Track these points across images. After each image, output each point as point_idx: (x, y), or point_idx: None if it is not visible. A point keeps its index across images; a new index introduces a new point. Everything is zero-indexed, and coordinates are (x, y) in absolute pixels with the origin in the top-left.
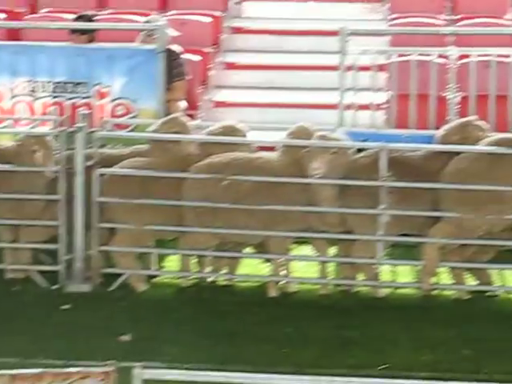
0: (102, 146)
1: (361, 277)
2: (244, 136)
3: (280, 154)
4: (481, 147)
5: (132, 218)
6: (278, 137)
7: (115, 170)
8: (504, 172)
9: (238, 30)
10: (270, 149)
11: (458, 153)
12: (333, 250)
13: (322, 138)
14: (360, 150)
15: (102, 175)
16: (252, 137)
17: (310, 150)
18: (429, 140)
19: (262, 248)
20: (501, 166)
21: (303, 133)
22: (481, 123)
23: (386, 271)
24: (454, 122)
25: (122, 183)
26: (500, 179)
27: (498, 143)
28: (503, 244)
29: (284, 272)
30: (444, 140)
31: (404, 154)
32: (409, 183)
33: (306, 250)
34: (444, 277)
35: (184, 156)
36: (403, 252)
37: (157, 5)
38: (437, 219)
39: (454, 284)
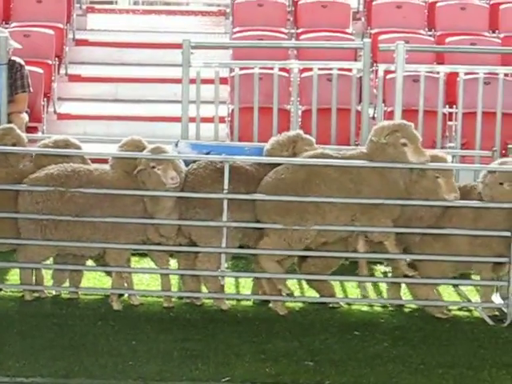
0: None
1: (205, 289)
2: (78, 148)
3: (112, 167)
4: (301, 160)
5: None
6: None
7: None
8: (324, 181)
9: (81, 42)
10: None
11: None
12: (175, 263)
13: (156, 149)
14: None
15: None
16: (91, 149)
17: (145, 163)
18: None
19: (104, 261)
20: (318, 178)
21: (134, 145)
22: (308, 138)
23: (229, 283)
24: (283, 135)
25: None
26: (317, 192)
27: (315, 156)
28: (339, 256)
29: (126, 285)
30: (272, 154)
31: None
32: (247, 195)
33: (150, 262)
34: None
35: (19, 168)
36: (246, 264)
37: None
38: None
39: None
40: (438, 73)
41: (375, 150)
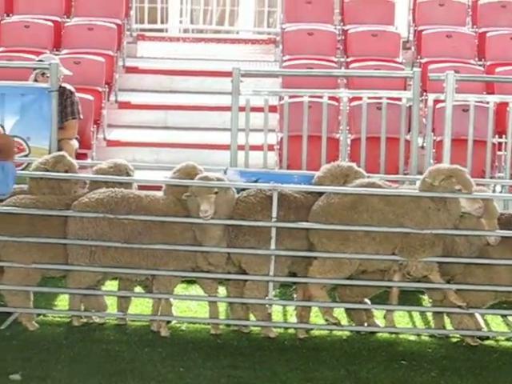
0: None
1: (253, 317)
2: (127, 174)
3: (165, 193)
4: (347, 188)
5: (19, 256)
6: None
7: (2, 207)
8: (368, 211)
9: (131, 70)
10: (160, 188)
11: None
12: (224, 290)
13: (204, 178)
14: (244, 190)
15: None
16: (140, 176)
17: (192, 191)
18: None
19: (152, 287)
20: (363, 206)
21: (187, 172)
22: (360, 171)
23: (277, 311)
24: (335, 165)
25: (8, 221)
26: (358, 219)
27: (364, 185)
28: (387, 285)
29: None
30: (323, 182)
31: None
32: (298, 223)
33: (197, 289)
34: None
35: (71, 195)
36: (293, 291)
37: (50, 43)
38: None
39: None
40: (487, 102)
41: (427, 191)
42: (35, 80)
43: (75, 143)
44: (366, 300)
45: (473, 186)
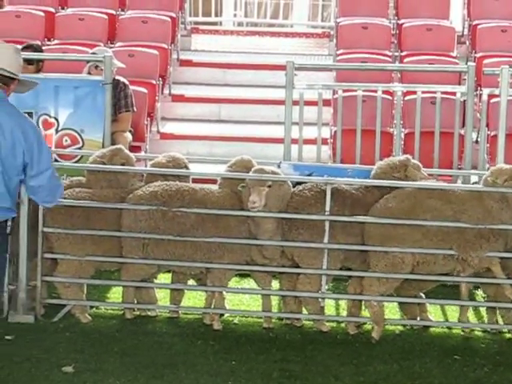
0: None
1: (305, 310)
2: (185, 167)
3: (220, 187)
4: (409, 183)
5: (74, 248)
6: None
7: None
8: (426, 214)
9: (185, 63)
10: (214, 181)
11: (390, 188)
12: (277, 284)
13: (259, 171)
14: (299, 184)
15: None
16: (194, 169)
17: (247, 182)
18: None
19: (205, 280)
20: (421, 209)
21: (243, 165)
22: (416, 162)
23: (330, 305)
24: (392, 159)
25: (64, 213)
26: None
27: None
28: (439, 280)
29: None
30: (382, 176)
31: (344, 187)
32: (351, 217)
33: (250, 283)
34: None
35: (127, 188)
36: (347, 286)
37: (105, 36)
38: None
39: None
40: None
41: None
42: (88, 73)
43: (129, 136)
44: (421, 294)
45: None
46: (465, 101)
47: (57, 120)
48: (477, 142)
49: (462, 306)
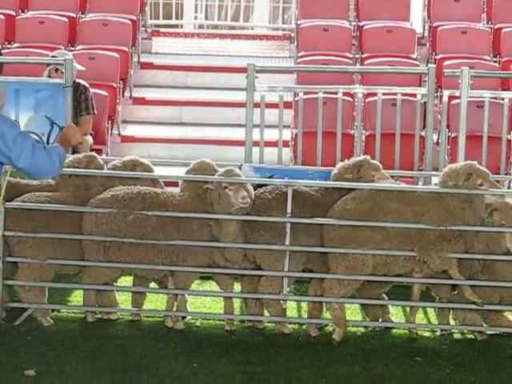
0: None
1: (267, 313)
2: (148, 171)
3: (182, 190)
4: (368, 184)
5: (35, 252)
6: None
7: (19, 203)
8: (386, 215)
9: (146, 66)
10: (176, 184)
11: (348, 190)
12: (239, 286)
13: (229, 172)
14: (260, 186)
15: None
16: (157, 172)
17: (218, 185)
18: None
19: (166, 283)
20: (381, 212)
21: (203, 169)
22: (375, 163)
23: (292, 307)
24: (350, 160)
25: (24, 217)
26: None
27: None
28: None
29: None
30: (338, 177)
31: (304, 188)
32: (311, 219)
33: (212, 285)
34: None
35: (89, 191)
36: (308, 288)
37: (65, 39)
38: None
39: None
40: (502, 99)
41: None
42: (49, 76)
43: (90, 139)
44: (384, 296)
45: (489, 175)
46: (425, 102)
47: (18, 123)
48: (437, 143)
49: (412, 307)
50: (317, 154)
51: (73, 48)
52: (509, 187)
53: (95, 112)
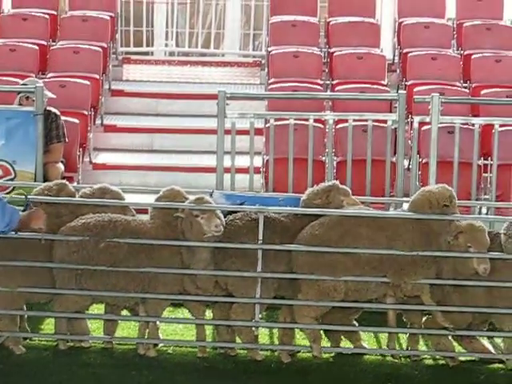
0: None
1: (239, 339)
2: (118, 198)
3: (152, 217)
4: (338, 211)
5: (4, 280)
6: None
7: None
8: (356, 241)
9: (117, 93)
10: (147, 212)
11: (318, 216)
12: (210, 313)
13: (200, 200)
14: (230, 213)
15: None
16: (127, 199)
17: (189, 212)
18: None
19: (138, 310)
20: (350, 238)
21: (172, 196)
22: (344, 188)
23: (264, 334)
24: (319, 185)
25: None
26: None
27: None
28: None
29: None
30: (307, 203)
31: (273, 215)
32: (283, 246)
33: (184, 312)
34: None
35: (59, 219)
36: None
37: (36, 67)
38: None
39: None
40: (473, 125)
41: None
42: (19, 104)
43: (61, 166)
44: (355, 322)
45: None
46: (396, 128)
47: None
48: (408, 169)
49: (390, 333)
50: (288, 180)
51: (44, 76)
52: (479, 212)
53: (66, 140)
